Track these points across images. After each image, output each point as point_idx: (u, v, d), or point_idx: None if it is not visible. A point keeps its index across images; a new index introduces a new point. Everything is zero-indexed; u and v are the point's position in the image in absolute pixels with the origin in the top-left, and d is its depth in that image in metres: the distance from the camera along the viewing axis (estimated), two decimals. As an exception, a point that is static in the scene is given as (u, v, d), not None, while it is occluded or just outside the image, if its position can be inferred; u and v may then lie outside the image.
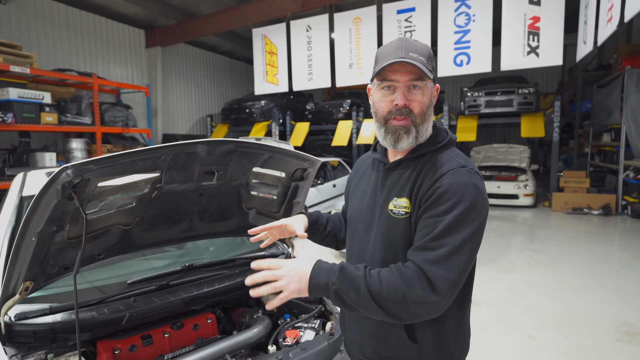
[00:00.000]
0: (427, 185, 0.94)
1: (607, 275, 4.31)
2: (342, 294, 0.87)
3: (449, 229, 0.87)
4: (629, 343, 2.87)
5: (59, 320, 1.33)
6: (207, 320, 1.64)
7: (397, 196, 1.01)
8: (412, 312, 0.85)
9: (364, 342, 1.08)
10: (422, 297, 0.83)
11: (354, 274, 0.88)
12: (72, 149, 7.20)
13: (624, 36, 9.37)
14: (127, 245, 1.49)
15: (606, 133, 8.96)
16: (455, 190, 0.89)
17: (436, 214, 0.89)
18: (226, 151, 1.40)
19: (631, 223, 6.86)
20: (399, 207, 0.99)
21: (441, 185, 0.91)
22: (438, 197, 0.90)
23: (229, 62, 13.62)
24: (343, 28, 7.97)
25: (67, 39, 8.27)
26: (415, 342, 1.00)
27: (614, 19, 4.37)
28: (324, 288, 0.89)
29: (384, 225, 1.02)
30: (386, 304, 0.85)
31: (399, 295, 0.84)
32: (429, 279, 0.84)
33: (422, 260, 0.87)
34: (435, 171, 0.95)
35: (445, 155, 1.00)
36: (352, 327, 1.13)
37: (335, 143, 9.77)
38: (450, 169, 0.93)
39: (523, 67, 6.58)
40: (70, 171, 1.08)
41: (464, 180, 0.91)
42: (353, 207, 1.17)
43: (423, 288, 0.84)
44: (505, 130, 13.80)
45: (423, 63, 0.96)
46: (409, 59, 0.94)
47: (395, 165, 1.06)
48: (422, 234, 0.90)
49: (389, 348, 1.02)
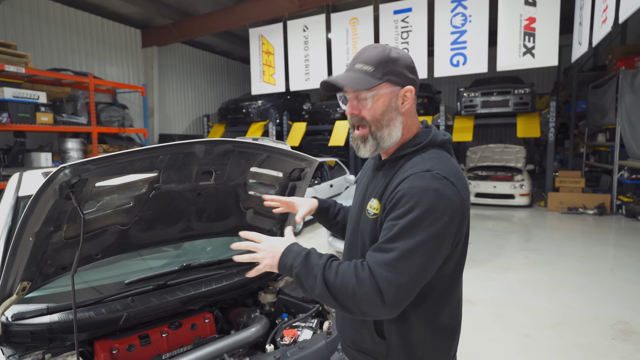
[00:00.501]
0: (391, 188, 0.96)
1: (602, 274, 4.34)
2: (302, 278, 0.93)
3: (401, 233, 0.88)
4: (623, 341, 2.90)
5: (56, 321, 1.33)
6: (205, 320, 1.64)
7: (373, 197, 1.04)
8: (361, 310, 0.88)
9: (344, 330, 1.15)
10: (369, 297, 0.86)
11: (315, 261, 0.94)
12: (67, 149, 7.17)
13: (619, 37, 9.44)
14: (124, 245, 1.49)
15: (601, 133, 9.03)
16: (412, 195, 0.89)
17: (394, 217, 0.91)
18: (224, 151, 1.40)
19: (626, 222, 6.91)
20: (371, 208, 1.03)
21: (401, 188, 0.92)
22: (397, 201, 0.92)
23: (225, 62, 13.60)
24: (340, 28, 7.98)
25: (63, 38, 8.23)
26: (384, 338, 1.03)
27: (608, 20, 4.41)
28: (289, 269, 0.96)
29: (362, 223, 1.07)
30: (338, 296, 0.89)
31: (349, 290, 0.88)
32: (377, 281, 0.86)
33: (373, 262, 0.89)
34: (402, 174, 0.96)
35: (418, 158, 0.99)
36: (337, 315, 1.21)
37: (332, 143, 9.78)
38: (413, 173, 0.93)
39: (519, 68, 6.62)
40: (68, 171, 1.08)
41: (424, 185, 0.90)
42: (351, 205, 1.23)
43: (372, 288, 0.86)
44: (502, 130, 13.87)
45: (367, 73, 0.98)
46: (351, 71, 1.00)
47: (380, 166, 1.09)
48: (381, 236, 0.93)
49: (363, 339, 1.07)
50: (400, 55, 1.01)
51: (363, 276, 0.88)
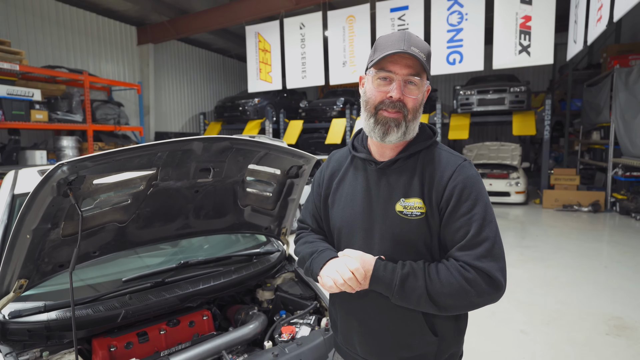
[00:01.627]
0: (442, 185, 0.96)
1: (596, 270, 4.39)
2: (403, 303, 0.95)
3: (483, 223, 0.93)
4: (617, 337, 2.93)
5: (53, 318, 1.32)
6: (203, 317, 1.64)
7: (405, 197, 0.98)
8: (474, 304, 0.93)
9: (382, 351, 1.05)
10: (484, 291, 0.91)
11: (414, 284, 0.93)
12: (63, 147, 7.12)
13: (613, 36, 9.50)
14: (122, 243, 1.48)
15: (596, 131, 9.09)
16: (471, 185, 0.95)
17: (466, 210, 0.94)
18: (222, 148, 1.40)
19: (619, 220, 6.98)
20: (410, 208, 0.97)
21: (457, 183, 0.95)
22: (460, 195, 0.94)
23: (222, 60, 13.55)
24: (337, 26, 7.97)
25: (58, 35, 8.16)
26: (436, 335, 1.02)
27: (603, 19, 4.44)
28: (384, 292, 0.96)
29: (393, 227, 0.99)
30: (445, 302, 0.92)
31: (462, 293, 0.91)
32: (487, 273, 0.90)
33: (473, 258, 0.92)
34: (444, 168, 0.98)
35: (442, 152, 1.02)
36: (366, 339, 1.07)
37: (329, 141, 9.78)
38: (457, 165, 0.97)
39: (515, 66, 6.65)
40: (66, 168, 1.08)
41: (471, 174, 0.97)
42: (342, 212, 1.09)
43: (484, 282, 0.90)
44: (497, 128, 13.93)
45: (422, 59, 0.95)
46: (411, 52, 0.93)
47: (389, 164, 1.03)
48: (462, 233, 0.94)
49: (411, 348, 1.03)
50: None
51: (470, 276, 0.90)
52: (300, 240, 1.21)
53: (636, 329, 3.03)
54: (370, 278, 0.95)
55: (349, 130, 9.87)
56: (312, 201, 1.23)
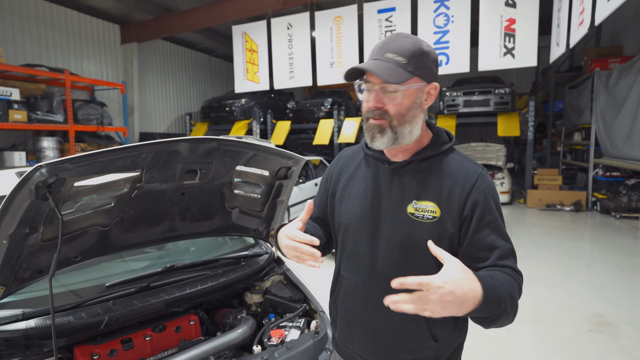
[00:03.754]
0: (465, 192, 0.97)
1: (579, 268, 4.49)
2: (512, 314, 0.92)
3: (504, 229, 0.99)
4: (599, 333, 3.00)
5: (32, 326, 1.27)
6: (190, 322, 1.60)
7: (417, 199, 0.98)
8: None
9: (381, 352, 1.05)
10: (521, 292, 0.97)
11: (511, 291, 0.91)
12: (43, 148, 6.93)
13: (594, 39, 9.76)
14: (105, 247, 1.44)
15: (577, 132, 9.32)
16: (494, 194, 0.99)
17: (492, 220, 0.97)
18: (209, 149, 1.37)
19: (600, 218, 7.16)
20: (423, 211, 0.96)
21: (481, 191, 0.97)
22: (485, 204, 0.96)
23: (208, 60, 13.40)
24: (324, 26, 7.97)
25: (37, 32, 7.94)
26: (437, 341, 1.01)
27: (585, 22, 4.54)
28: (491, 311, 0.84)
29: (402, 228, 0.98)
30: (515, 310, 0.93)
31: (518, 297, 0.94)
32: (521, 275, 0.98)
33: (514, 263, 0.98)
34: (466, 176, 0.99)
35: (460, 158, 1.03)
36: (365, 338, 1.07)
37: (317, 142, 9.77)
38: (477, 173, 1.00)
39: (500, 68, 6.76)
40: (44, 170, 1.03)
41: (491, 182, 1.01)
42: (350, 209, 1.08)
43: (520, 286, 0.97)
44: (483, 129, 14.15)
45: (399, 64, 0.92)
46: (381, 60, 0.93)
47: (403, 165, 1.01)
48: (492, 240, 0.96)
49: (410, 352, 1.03)
50: (430, 49, 0.98)
51: (520, 280, 0.97)
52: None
53: (617, 325, 3.11)
54: (483, 294, 0.79)
55: (336, 131, 9.88)
56: (319, 195, 1.26)
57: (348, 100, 11.67)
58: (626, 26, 8.85)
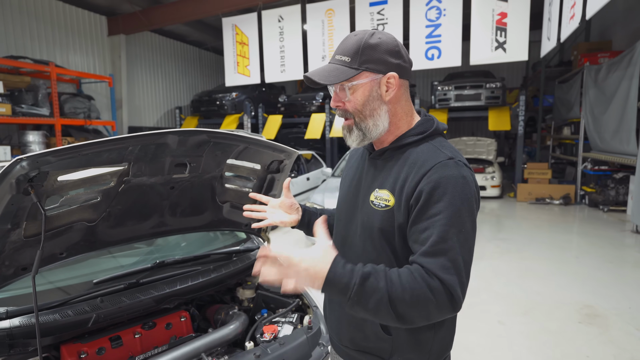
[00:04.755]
0: (415, 180, 0.90)
1: (568, 261, 4.55)
2: (360, 306, 0.83)
3: (450, 229, 0.84)
4: (589, 325, 3.04)
5: (17, 325, 1.23)
6: (181, 319, 1.57)
7: (379, 187, 0.98)
8: (430, 317, 0.84)
9: (341, 330, 1.09)
10: (444, 304, 0.82)
11: (375, 285, 0.82)
12: (28, 142, 6.77)
13: (583, 34, 9.84)
14: (92, 243, 1.40)
15: (566, 126, 9.42)
16: (446, 185, 0.86)
17: (433, 213, 0.86)
18: (199, 142, 1.34)
19: (588, 212, 7.27)
20: (379, 199, 0.97)
21: (431, 180, 0.87)
22: (430, 194, 0.86)
23: (198, 52, 13.21)
24: (315, 19, 7.90)
25: (21, 24, 7.72)
26: (389, 334, 0.99)
27: (576, 16, 4.56)
28: (340, 295, 0.84)
29: (364, 215, 1.00)
30: (404, 310, 0.82)
31: (422, 302, 0.81)
32: (449, 287, 0.82)
33: (438, 267, 0.83)
34: (422, 164, 0.91)
35: (430, 146, 0.96)
36: (331, 315, 1.14)
37: (309, 136, 9.73)
38: (438, 162, 0.90)
39: (491, 62, 6.78)
40: (25, 163, 0.99)
41: (453, 173, 0.87)
42: (341, 195, 1.17)
43: (446, 295, 0.82)
44: (474, 123, 14.24)
45: (344, 63, 0.94)
46: (332, 62, 0.97)
47: (379, 154, 1.03)
48: (426, 236, 0.86)
49: (365, 338, 1.03)
50: (382, 40, 0.94)
51: (434, 285, 0.81)
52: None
53: (606, 317, 3.16)
54: (327, 272, 0.82)
55: (328, 125, 9.84)
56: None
57: (340, 94, 11.59)
58: (615, 21, 8.93)
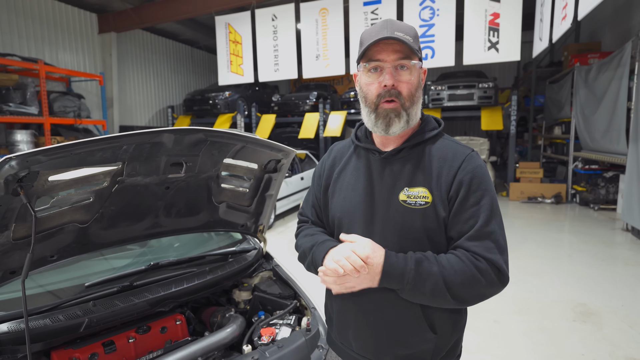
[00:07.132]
0: (452, 173, 0.94)
1: (561, 259, 4.59)
2: (416, 290, 0.90)
3: (491, 214, 0.92)
4: (583, 322, 3.06)
5: (5, 331, 1.19)
6: (176, 322, 1.54)
7: (409, 186, 0.96)
8: (483, 295, 0.92)
9: (378, 349, 1.02)
10: (494, 282, 0.90)
11: (429, 269, 0.90)
12: (16, 142, 6.64)
13: (574, 35, 9.95)
14: (84, 245, 1.36)
15: (557, 126, 9.52)
16: (480, 176, 0.94)
17: (474, 202, 0.93)
18: (195, 141, 1.30)
19: (579, 210, 7.35)
20: (414, 197, 0.95)
21: (466, 172, 0.94)
22: (469, 184, 0.93)
23: (190, 51, 13.09)
24: (309, 18, 7.87)
25: (8, 20, 7.56)
26: (435, 333, 0.99)
27: (568, 17, 4.60)
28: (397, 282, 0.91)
29: (396, 216, 0.96)
30: (459, 292, 0.90)
31: (473, 283, 0.89)
32: (496, 265, 0.90)
33: (484, 250, 0.90)
34: (453, 158, 0.96)
35: (447, 142, 1.01)
36: (362, 335, 1.04)
37: (302, 135, 9.70)
38: (465, 155, 0.96)
39: (484, 62, 6.81)
40: (14, 163, 0.95)
41: (480, 164, 0.96)
42: (342, 202, 1.06)
43: (494, 273, 0.90)
44: (466, 123, 14.33)
45: (409, 42, 0.92)
46: (395, 36, 0.91)
47: (394, 153, 1.01)
48: (472, 223, 0.92)
49: (407, 346, 1.00)
50: None
51: (482, 266, 0.89)
52: (300, 233, 1.17)
53: (600, 314, 3.18)
54: (383, 265, 0.90)
55: (322, 125, 9.81)
56: (312, 193, 1.21)
57: (333, 93, 11.61)
58: (604, 22, 9.04)
